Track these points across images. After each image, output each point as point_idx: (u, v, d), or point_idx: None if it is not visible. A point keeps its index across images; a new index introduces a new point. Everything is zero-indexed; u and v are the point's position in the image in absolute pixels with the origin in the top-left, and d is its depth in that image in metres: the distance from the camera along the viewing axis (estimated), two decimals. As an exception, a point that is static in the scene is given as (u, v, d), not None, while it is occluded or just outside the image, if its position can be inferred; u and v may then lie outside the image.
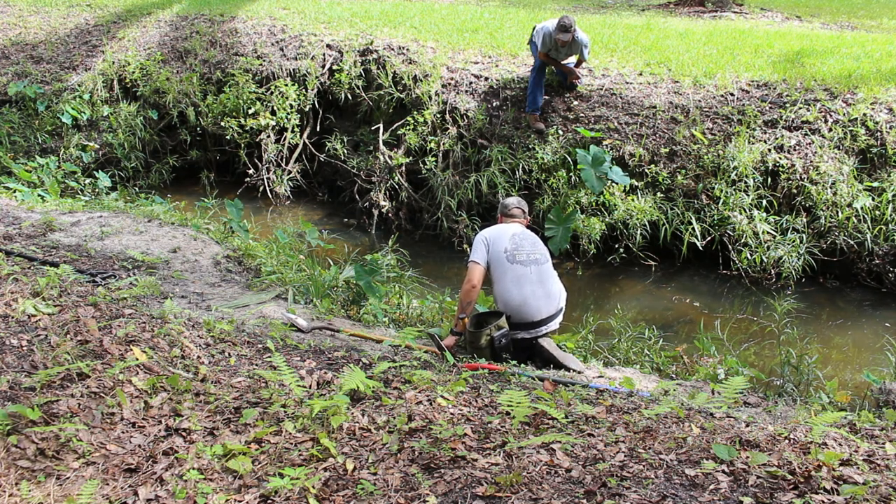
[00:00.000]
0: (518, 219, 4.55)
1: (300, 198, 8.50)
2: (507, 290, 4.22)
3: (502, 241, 4.30)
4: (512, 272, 4.21)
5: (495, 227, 4.49)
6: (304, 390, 3.04)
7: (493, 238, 4.33)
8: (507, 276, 4.23)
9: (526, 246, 4.31)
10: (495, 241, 4.31)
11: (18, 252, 4.46)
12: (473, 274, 4.21)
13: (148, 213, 5.93)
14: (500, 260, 4.25)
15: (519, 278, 4.22)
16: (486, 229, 4.47)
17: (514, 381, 3.64)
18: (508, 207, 4.56)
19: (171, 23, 9.75)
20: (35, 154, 7.98)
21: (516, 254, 4.26)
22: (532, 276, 4.23)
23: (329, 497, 2.37)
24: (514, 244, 4.30)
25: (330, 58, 8.62)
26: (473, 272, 4.22)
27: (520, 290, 4.20)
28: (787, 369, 4.39)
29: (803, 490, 2.29)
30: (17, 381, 2.84)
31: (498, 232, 4.37)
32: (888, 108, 6.81)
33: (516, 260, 4.24)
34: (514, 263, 4.23)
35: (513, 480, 2.37)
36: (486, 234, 4.39)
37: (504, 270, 4.23)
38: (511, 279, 4.21)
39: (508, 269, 4.22)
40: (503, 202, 4.66)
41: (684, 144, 6.89)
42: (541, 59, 7.13)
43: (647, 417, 2.95)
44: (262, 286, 4.85)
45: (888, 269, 6.26)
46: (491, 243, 4.30)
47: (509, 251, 4.26)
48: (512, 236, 4.33)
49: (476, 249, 4.29)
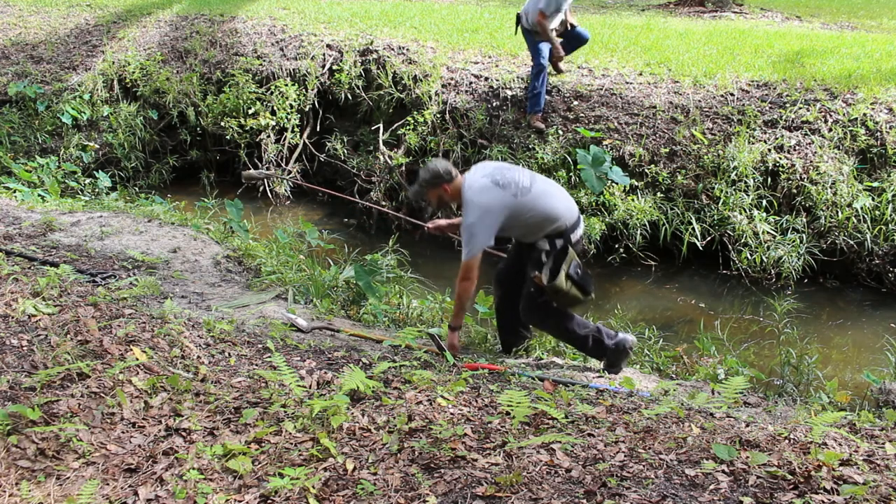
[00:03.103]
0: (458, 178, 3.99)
1: (300, 198, 8.50)
2: (548, 207, 3.84)
3: (503, 196, 3.80)
4: (536, 197, 3.83)
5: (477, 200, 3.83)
6: (304, 390, 3.04)
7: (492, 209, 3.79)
8: (538, 202, 3.83)
9: (514, 175, 3.89)
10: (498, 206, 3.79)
11: (18, 252, 4.46)
12: (472, 271, 3.82)
13: (148, 213, 5.93)
14: (519, 206, 3.80)
15: (545, 193, 3.88)
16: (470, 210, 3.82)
17: (514, 381, 3.64)
18: (446, 172, 3.91)
19: (171, 23, 9.75)
20: (35, 154, 7.97)
21: (519, 187, 3.83)
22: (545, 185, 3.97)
23: (329, 497, 2.37)
24: (511, 185, 3.83)
25: (330, 58, 8.62)
26: (472, 269, 3.82)
27: (556, 198, 3.90)
28: (787, 369, 4.39)
29: (803, 490, 2.29)
30: (17, 381, 2.84)
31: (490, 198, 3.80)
32: (888, 108, 6.81)
33: (526, 190, 3.83)
34: (528, 193, 3.82)
35: (513, 480, 2.37)
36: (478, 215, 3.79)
37: (530, 202, 3.81)
38: (543, 200, 3.85)
39: (531, 199, 3.82)
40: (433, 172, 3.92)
41: (684, 144, 6.89)
42: (538, 21, 6.98)
43: (647, 417, 2.96)
44: (262, 286, 4.85)
45: (888, 269, 6.26)
46: (495, 217, 3.80)
47: (517, 193, 3.81)
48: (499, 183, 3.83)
49: (473, 240, 3.79)
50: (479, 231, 3.80)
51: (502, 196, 3.81)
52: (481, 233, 3.80)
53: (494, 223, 3.81)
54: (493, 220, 3.80)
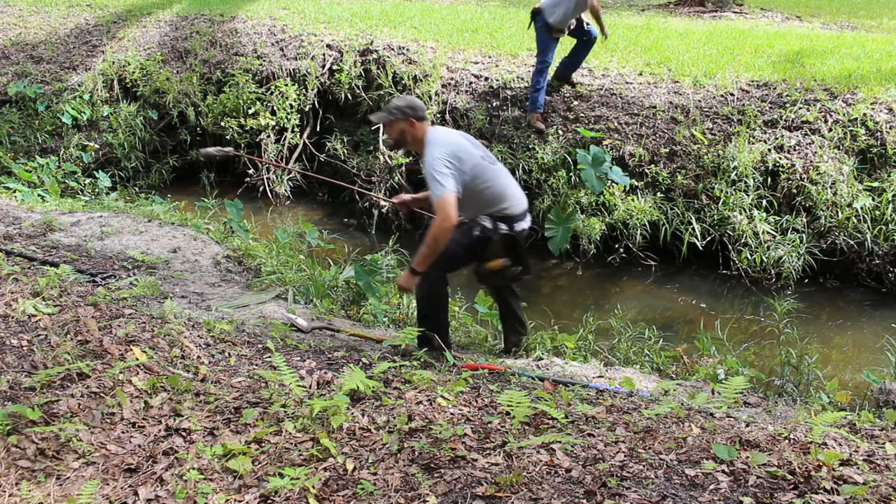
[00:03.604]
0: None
1: (300, 198, 8.50)
2: (504, 185, 3.86)
3: (472, 150, 3.80)
4: (498, 171, 3.86)
5: (444, 139, 3.82)
6: (304, 390, 3.04)
7: (459, 153, 3.74)
8: (498, 177, 3.84)
9: (483, 146, 3.97)
10: (466, 154, 3.75)
11: (18, 252, 4.46)
12: (452, 208, 3.59)
13: (148, 213, 5.93)
14: (482, 167, 3.78)
15: (504, 174, 3.92)
16: (437, 146, 3.75)
17: (514, 381, 3.64)
18: (421, 109, 3.85)
19: (171, 23, 9.75)
20: (35, 154, 7.97)
21: (489, 156, 3.89)
22: (505, 170, 4.02)
23: (329, 497, 2.37)
24: (480, 149, 3.87)
25: (330, 58, 8.62)
26: (451, 206, 3.59)
27: (512, 183, 3.94)
28: (787, 369, 4.39)
29: (803, 490, 2.29)
30: (17, 381, 2.84)
31: (458, 144, 3.80)
32: (888, 108, 6.81)
33: (492, 161, 3.89)
34: (493, 165, 3.87)
35: (513, 480, 2.37)
36: (447, 152, 3.71)
37: (492, 173, 3.82)
38: (502, 177, 3.88)
39: (493, 171, 3.83)
40: (409, 103, 3.85)
41: (684, 144, 6.89)
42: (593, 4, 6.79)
43: (647, 417, 2.96)
44: (262, 286, 4.85)
45: (888, 269, 6.26)
46: (463, 161, 3.72)
47: (484, 157, 3.83)
48: (469, 140, 3.89)
49: (444, 176, 3.62)
50: (447, 167, 3.64)
51: (472, 150, 3.82)
52: (451, 167, 3.65)
53: (460, 165, 3.69)
54: (459, 162, 3.69)
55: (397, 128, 3.88)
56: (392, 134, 3.96)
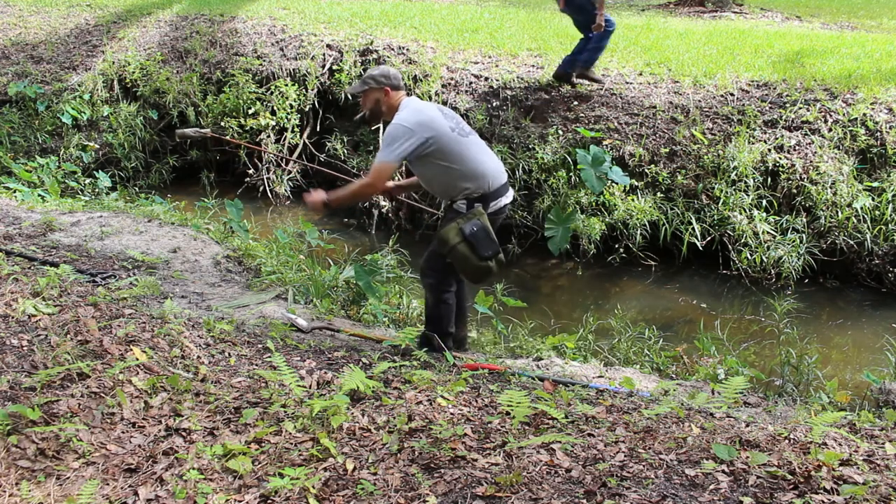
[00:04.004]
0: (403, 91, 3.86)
1: (300, 198, 8.48)
2: (477, 161, 3.73)
3: (441, 121, 3.68)
4: (470, 144, 3.75)
5: (415, 107, 3.73)
6: (304, 390, 3.04)
7: (427, 122, 3.63)
8: (470, 150, 3.72)
9: (459, 118, 3.85)
10: (434, 125, 3.64)
11: (18, 252, 4.46)
12: (383, 180, 3.65)
13: (148, 213, 5.93)
14: (453, 140, 3.67)
15: (478, 146, 3.80)
16: (404, 111, 3.69)
17: (514, 381, 3.64)
18: (395, 77, 3.79)
19: (171, 23, 9.75)
20: (35, 154, 7.97)
21: (461, 127, 3.76)
22: (482, 143, 3.91)
23: (329, 497, 2.37)
24: (453, 120, 3.74)
25: (330, 58, 8.62)
26: (385, 177, 3.63)
27: (487, 156, 3.81)
28: (787, 369, 4.39)
29: (803, 490, 2.29)
30: (17, 381, 2.84)
31: (427, 114, 3.68)
32: (888, 108, 6.81)
33: (465, 133, 3.76)
34: (465, 137, 3.75)
35: (513, 480, 2.37)
36: (413, 121, 3.61)
37: (464, 146, 3.71)
38: (474, 150, 3.75)
39: (465, 144, 3.72)
40: (384, 72, 3.79)
41: (684, 144, 6.89)
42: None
43: (647, 417, 2.96)
44: (262, 286, 4.85)
45: (888, 269, 6.26)
46: (429, 131, 3.61)
47: (455, 128, 3.71)
48: (442, 111, 3.77)
49: (398, 146, 3.56)
50: (404, 136, 3.57)
51: (442, 120, 3.68)
52: (405, 139, 3.57)
53: (421, 136, 3.58)
54: (421, 131, 3.59)
55: (372, 97, 3.80)
56: (367, 105, 3.84)
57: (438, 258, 3.86)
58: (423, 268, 4.02)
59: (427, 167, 3.74)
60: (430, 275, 3.96)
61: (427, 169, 3.76)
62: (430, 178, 3.82)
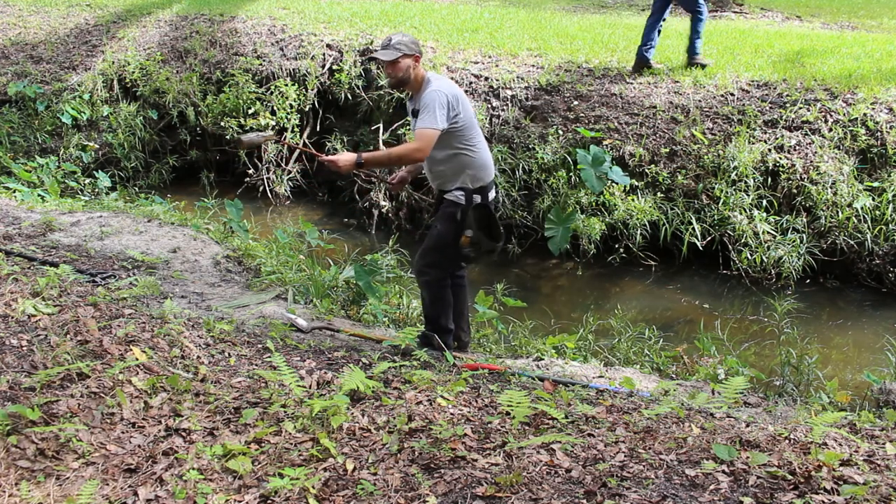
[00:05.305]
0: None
1: (300, 198, 8.50)
2: (486, 150, 3.82)
3: (468, 104, 3.73)
4: (479, 135, 3.82)
5: (449, 82, 3.77)
6: (304, 390, 3.04)
7: (462, 99, 3.67)
8: (482, 139, 3.80)
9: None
10: (466, 104, 3.68)
11: (18, 252, 4.46)
12: (430, 146, 3.57)
13: (148, 213, 5.93)
14: (474, 125, 3.72)
15: (483, 139, 3.86)
16: (444, 84, 3.69)
17: (514, 381, 3.64)
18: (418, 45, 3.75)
19: (171, 23, 9.74)
20: (35, 154, 7.97)
21: (476, 119, 3.83)
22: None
23: (329, 497, 2.37)
24: (471, 111, 3.77)
25: (330, 58, 8.62)
26: (432, 143, 3.56)
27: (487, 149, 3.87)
28: (787, 369, 4.39)
29: (803, 490, 2.29)
30: (17, 381, 2.84)
31: (460, 92, 3.72)
32: (888, 108, 6.80)
33: (477, 124, 3.85)
34: (477, 128, 3.82)
35: (513, 480, 2.37)
36: (451, 94, 3.63)
37: (478, 134, 3.78)
38: (482, 140, 3.82)
39: (479, 131, 3.80)
40: (413, 39, 3.73)
41: (684, 144, 6.89)
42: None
43: (647, 417, 2.95)
44: (262, 286, 4.85)
45: (888, 269, 6.26)
46: (463, 108, 3.65)
47: (473, 116, 3.76)
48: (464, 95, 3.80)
49: (442, 113, 3.55)
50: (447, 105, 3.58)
51: (467, 104, 3.74)
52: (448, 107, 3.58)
53: (456, 109, 3.62)
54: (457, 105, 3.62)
55: (404, 64, 3.68)
56: (397, 72, 3.71)
57: (435, 252, 3.89)
58: (420, 265, 4.00)
59: (442, 146, 3.68)
60: (427, 272, 3.97)
61: (442, 148, 3.69)
62: (442, 159, 3.75)
